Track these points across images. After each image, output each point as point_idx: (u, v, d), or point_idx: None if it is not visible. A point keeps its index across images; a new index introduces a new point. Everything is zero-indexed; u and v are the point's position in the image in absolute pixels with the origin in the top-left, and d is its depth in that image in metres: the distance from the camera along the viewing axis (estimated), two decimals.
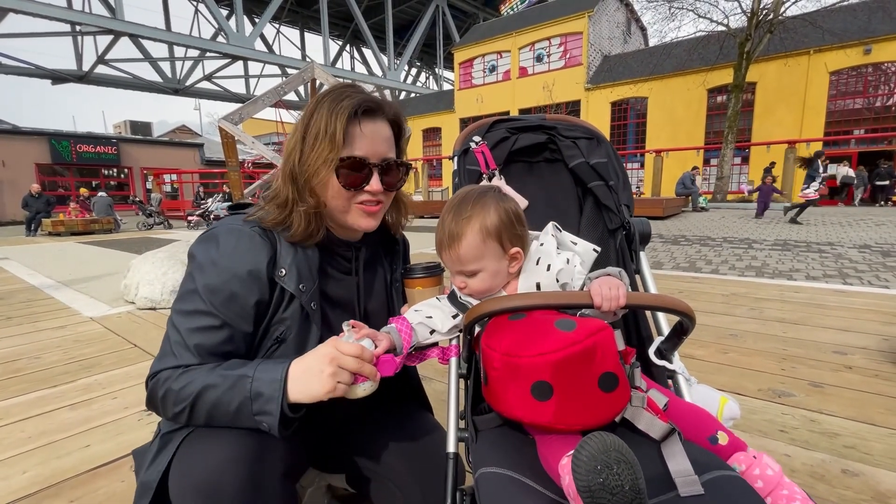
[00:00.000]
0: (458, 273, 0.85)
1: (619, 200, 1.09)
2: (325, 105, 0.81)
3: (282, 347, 0.83)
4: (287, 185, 0.84)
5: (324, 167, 0.81)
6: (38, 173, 21.89)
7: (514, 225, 0.83)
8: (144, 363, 2.48)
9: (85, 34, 26.99)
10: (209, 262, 0.79)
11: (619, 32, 26.26)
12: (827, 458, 1.48)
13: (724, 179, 16.49)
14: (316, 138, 0.81)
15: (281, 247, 0.83)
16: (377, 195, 0.87)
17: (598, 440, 0.54)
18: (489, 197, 0.84)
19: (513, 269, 0.85)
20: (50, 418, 1.88)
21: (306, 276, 0.84)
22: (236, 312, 0.78)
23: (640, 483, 0.53)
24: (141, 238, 11.16)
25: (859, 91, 17.74)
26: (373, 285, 1.00)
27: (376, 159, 0.85)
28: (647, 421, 0.70)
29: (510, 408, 0.70)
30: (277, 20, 41.26)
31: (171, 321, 0.80)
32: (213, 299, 0.77)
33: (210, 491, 0.68)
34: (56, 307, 3.88)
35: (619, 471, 0.52)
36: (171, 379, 0.75)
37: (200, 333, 0.77)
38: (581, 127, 1.22)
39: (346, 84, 0.87)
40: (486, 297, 0.85)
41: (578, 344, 0.65)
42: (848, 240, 7.11)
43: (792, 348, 2.45)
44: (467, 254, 0.81)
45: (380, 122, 0.86)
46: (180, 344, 0.77)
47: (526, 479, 0.66)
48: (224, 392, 0.71)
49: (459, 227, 0.81)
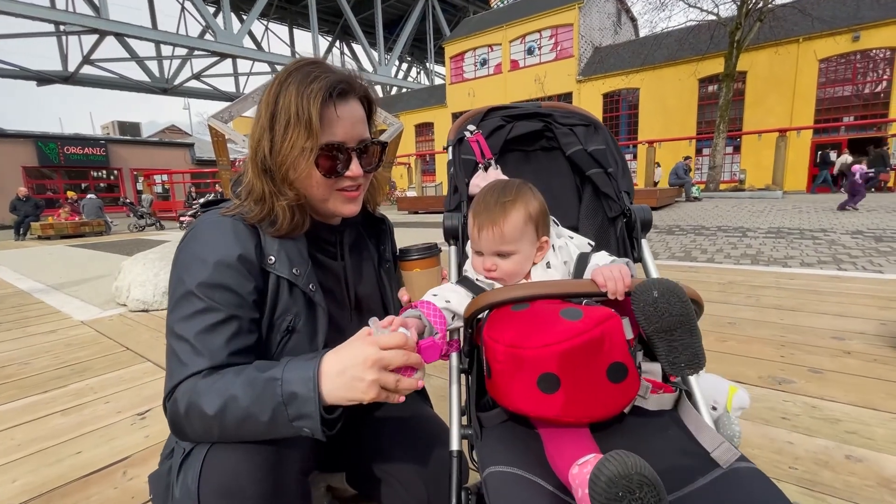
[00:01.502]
0: (494, 254, 0.85)
1: (618, 187, 1.06)
2: (293, 87, 0.75)
3: (294, 337, 0.80)
4: (260, 178, 0.78)
5: (301, 158, 0.75)
6: (26, 176, 21.52)
7: (547, 213, 0.88)
8: (137, 366, 2.43)
9: (69, 34, 26.52)
10: (195, 259, 0.75)
11: (610, 23, 26.19)
12: (830, 445, 1.47)
13: (717, 169, 16.56)
14: (288, 125, 0.74)
15: (264, 236, 0.79)
16: (357, 180, 0.83)
17: (618, 462, 0.51)
18: (528, 187, 0.89)
19: (538, 258, 0.87)
20: (41, 425, 1.84)
21: (298, 261, 0.81)
22: (237, 303, 0.74)
23: (664, 503, 0.51)
24: (132, 240, 11.03)
25: (848, 78, 17.83)
26: (360, 268, 0.97)
27: (354, 142, 0.81)
28: (656, 401, 0.70)
29: (515, 401, 0.67)
30: (265, 17, 40.79)
31: (173, 333, 0.73)
32: (211, 294, 0.72)
33: (232, 495, 0.66)
34: (46, 311, 3.81)
35: (643, 495, 0.50)
36: (192, 391, 0.67)
37: (208, 333, 0.71)
38: (578, 114, 1.19)
39: (310, 61, 0.80)
40: (511, 282, 0.85)
41: (585, 333, 0.62)
42: (840, 226, 7.16)
43: (790, 335, 2.44)
44: (511, 233, 0.82)
45: (353, 102, 0.81)
46: (190, 351, 0.70)
47: (535, 478, 0.63)
48: (252, 402, 0.64)
49: (506, 208, 0.83)
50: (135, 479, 1.45)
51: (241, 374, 0.67)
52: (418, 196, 17.96)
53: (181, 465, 0.77)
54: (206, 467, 0.71)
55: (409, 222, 11.88)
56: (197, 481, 0.72)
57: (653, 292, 0.63)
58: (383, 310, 0.99)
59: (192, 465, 0.74)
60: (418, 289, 0.94)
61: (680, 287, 0.64)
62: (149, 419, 1.85)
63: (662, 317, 0.63)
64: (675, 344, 0.65)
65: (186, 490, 0.73)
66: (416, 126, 29.87)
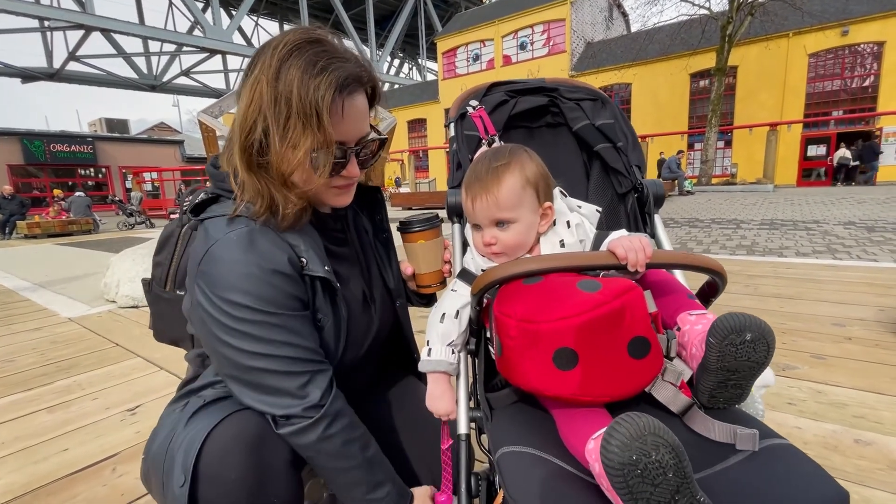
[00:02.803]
0: (492, 224, 0.78)
1: (628, 162, 1.02)
2: (295, 72, 0.64)
3: (325, 330, 0.76)
4: (251, 175, 0.69)
5: (305, 158, 0.67)
6: (11, 174, 21.11)
7: (548, 177, 0.81)
8: (127, 362, 2.36)
9: (54, 30, 26.01)
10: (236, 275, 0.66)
11: (602, 18, 26.20)
12: (838, 429, 1.45)
13: (709, 163, 16.64)
14: (289, 120, 0.65)
15: (285, 236, 0.72)
16: (354, 178, 0.77)
17: (630, 423, 0.46)
18: (524, 150, 0.82)
19: (542, 227, 0.80)
20: (25, 422, 1.77)
21: (323, 257, 0.76)
22: (301, 305, 0.71)
23: (685, 466, 0.46)
24: (122, 238, 10.84)
25: (837, 73, 17.98)
26: (365, 245, 0.92)
27: (353, 141, 0.74)
28: (670, 394, 0.64)
29: (529, 380, 0.62)
30: (255, 12, 40.30)
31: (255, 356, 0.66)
32: (275, 302, 0.67)
33: (213, 474, 0.63)
34: (32, 309, 3.71)
35: (659, 457, 0.45)
36: (350, 423, 0.74)
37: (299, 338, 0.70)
38: (584, 88, 1.15)
39: (311, 38, 0.68)
40: (513, 257, 0.79)
41: (605, 305, 0.57)
42: (833, 217, 7.20)
43: (790, 322, 2.43)
44: (507, 199, 0.76)
45: (359, 96, 0.72)
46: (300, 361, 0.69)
47: (551, 457, 0.59)
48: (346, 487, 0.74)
49: (499, 172, 0.77)
50: (124, 476, 1.39)
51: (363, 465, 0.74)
52: (412, 192, 17.86)
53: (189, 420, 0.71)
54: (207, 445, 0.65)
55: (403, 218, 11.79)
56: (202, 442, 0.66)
57: (746, 335, 0.54)
58: (383, 285, 0.93)
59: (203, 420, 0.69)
60: (423, 261, 0.90)
61: (772, 332, 0.56)
62: (139, 415, 1.79)
63: (740, 360, 0.56)
64: (730, 383, 0.59)
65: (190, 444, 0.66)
66: (408, 122, 29.71)
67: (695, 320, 0.66)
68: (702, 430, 0.60)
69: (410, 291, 0.99)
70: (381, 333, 0.91)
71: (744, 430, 0.56)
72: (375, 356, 0.95)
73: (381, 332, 0.91)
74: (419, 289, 0.93)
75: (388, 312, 0.93)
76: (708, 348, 0.57)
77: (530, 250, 0.81)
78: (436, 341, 0.80)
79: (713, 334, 0.56)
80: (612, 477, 0.46)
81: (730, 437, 0.57)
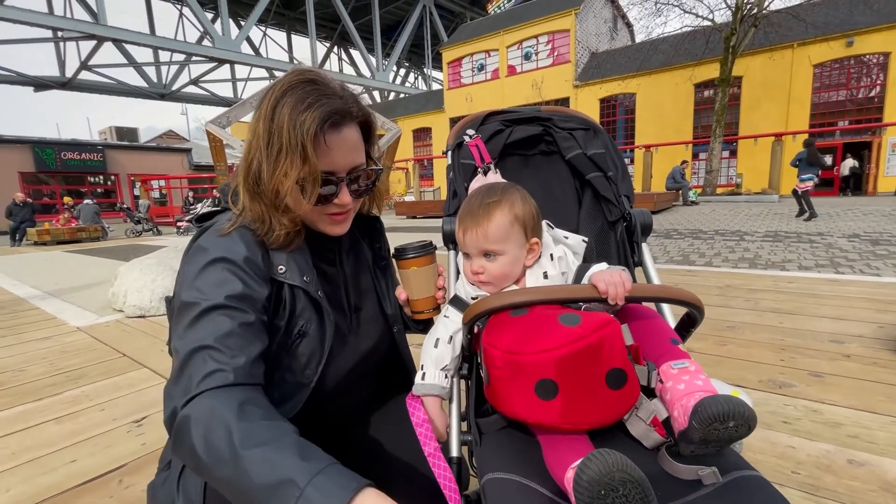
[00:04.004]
0: (480, 254, 0.84)
1: (618, 191, 1.06)
2: (286, 110, 0.72)
3: (304, 341, 0.80)
4: (255, 202, 0.77)
5: (295, 187, 0.74)
6: (22, 182, 21.47)
7: (536, 217, 0.85)
8: (134, 373, 2.41)
9: (67, 40, 26.53)
10: (197, 265, 0.72)
11: (606, 29, 26.37)
12: (832, 449, 1.46)
13: (714, 173, 16.63)
14: (280, 152, 0.72)
15: (269, 248, 0.78)
16: (346, 207, 0.81)
17: (599, 460, 0.51)
18: (516, 189, 0.87)
19: (529, 261, 0.85)
20: (34, 433, 1.81)
21: (306, 268, 0.80)
22: (250, 303, 0.71)
23: (650, 500, 0.50)
24: (129, 245, 10.98)
25: (842, 83, 17.97)
26: (358, 271, 0.96)
27: (345, 171, 0.78)
28: (642, 431, 0.68)
29: (513, 408, 0.66)
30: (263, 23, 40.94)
31: (184, 342, 0.65)
32: (219, 293, 0.68)
33: None
34: (41, 318, 3.78)
35: (626, 492, 0.49)
36: (212, 412, 0.57)
37: (228, 336, 0.65)
38: (577, 118, 1.19)
39: (307, 77, 0.75)
40: (499, 288, 0.83)
41: (584, 339, 0.61)
42: (837, 230, 7.18)
43: (789, 338, 2.44)
44: (495, 233, 0.81)
45: (347, 130, 0.77)
46: (209, 358, 0.63)
47: (534, 484, 0.62)
48: (256, 489, 0.52)
49: (490, 208, 0.82)
50: (131, 488, 1.43)
51: (263, 442, 0.55)
52: (416, 201, 17.96)
53: (180, 477, 0.76)
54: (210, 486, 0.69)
55: (407, 227, 11.87)
56: (202, 495, 0.71)
57: (729, 423, 0.56)
58: (380, 310, 0.97)
59: (193, 480, 0.73)
60: (416, 287, 0.93)
61: (755, 417, 0.57)
62: (146, 426, 1.83)
63: (722, 439, 0.58)
64: (710, 446, 0.60)
65: (190, 502, 0.71)
66: (413, 131, 29.94)
67: (676, 375, 0.67)
68: (669, 469, 0.63)
69: (407, 317, 1.02)
70: (374, 357, 0.95)
71: (705, 470, 0.59)
72: (368, 380, 0.99)
73: (374, 356, 0.94)
74: (413, 314, 0.96)
75: (384, 338, 0.96)
76: (691, 428, 0.58)
77: (517, 281, 0.85)
78: (430, 366, 0.84)
79: (697, 419, 0.57)
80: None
81: (693, 476, 0.61)
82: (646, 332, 0.73)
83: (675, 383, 0.67)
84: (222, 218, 0.81)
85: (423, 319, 0.96)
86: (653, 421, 0.66)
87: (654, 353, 0.71)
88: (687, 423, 0.59)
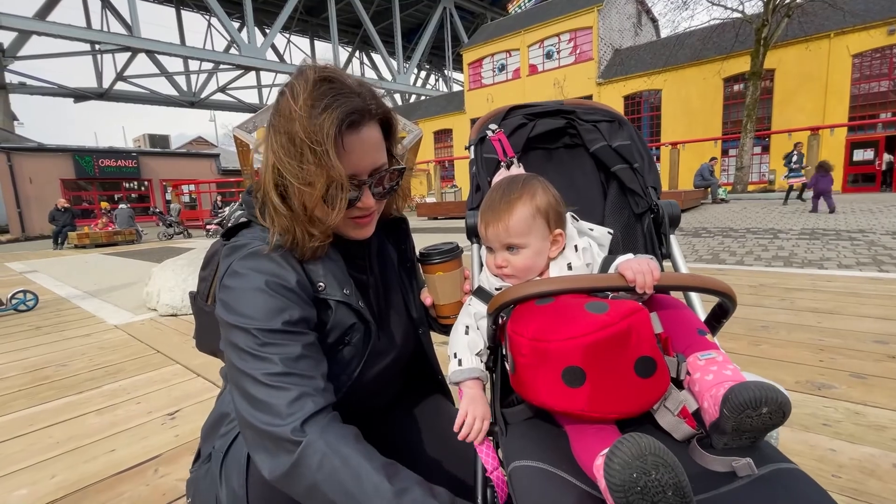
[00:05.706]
0: (503, 247, 0.83)
1: (644, 183, 1.04)
2: (302, 113, 0.68)
3: (347, 349, 0.81)
4: (283, 216, 0.73)
5: (321, 193, 0.70)
6: (64, 188, 22.56)
7: (559, 208, 0.84)
8: (167, 368, 2.50)
9: (104, 52, 27.83)
10: (247, 291, 0.70)
11: (630, 25, 25.85)
12: (876, 453, 1.39)
13: (745, 170, 16.07)
14: (302, 158, 0.68)
15: (304, 263, 0.77)
16: (369, 209, 0.79)
17: (631, 443, 0.49)
18: (537, 180, 0.86)
19: (553, 252, 0.84)
20: (77, 424, 1.90)
21: (344, 280, 0.79)
22: (307, 325, 0.73)
23: (684, 485, 0.48)
24: (162, 248, 11.40)
25: (884, 73, 17.07)
26: (386, 275, 0.96)
27: (366, 173, 0.75)
28: (672, 422, 0.66)
29: (540, 396, 0.65)
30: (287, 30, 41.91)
31: (250, 365, 0.67)
32: (279, 320, 0.69)
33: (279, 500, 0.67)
34: (82, 316, 3.96)
35: (659, 476, 0.47)
36: (329, 450, 0.63)
37: (297, 360, 0.68)
38: (601, 110, 1.17)
39: (322, 76, 0.70)
40: (524, 280, 0.82)
41: (611, 327, 0.60)
42: (880, 226, 6.83)
43: (829, 339, 2.34)
44: (517, 226, 0.81)
45: (366, 129, 0.73)
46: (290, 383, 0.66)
47: (561, 473, 0.61)
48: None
49: (511, 203, 0.82)
50: (166, 477, 1.48)
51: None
52: (438, 202, 18.01)
53: (221, 469, 0.78)
54: (252, 473, 0.72)
55: (428, 228, 11.91)
56: (245, 487, 0.74)
57: (762, 409, 0.54)
58: (406, 313, 0.97)
59: (235, 470, 0.76)
60: (441, 293, 0.92)
61: (789, 402, 0.55)
62: (178, 419, 1.89)
63: (756, 427, 0.56)
64: (744, 437, 0.59)
65: (234, 495, 0.73)
66: (434, 133, 30.04)
67: (704, 367, 0.66)
68: (701, 462, 0.61)
69: (431, 319, 1.01)
70: (402, 359, 0.95)
71: (739, 461, 0.57)
72: (397, 380, 1.00)
73: (402, 358, 0.95)
74: (439, 319, 0.95)
75: (410, 339, 0.96)
76: (722, 417, 0.57)
77: (541, 273, 0.84)
78: (464, 351, 0.83)
79: (728, 407, 0.55)
80: (614, 494, 0.48)
81: (727, 468, 0.59)
82: (672, 322, 0.71)
83: (703, 374, 0.65)
84: (250, 234, 0.78)
85: (449, 324, 0.95)
86: (682, 412, 0.64)
87: (680, 344, 0.69)
88: (718, 413, 0.57)
